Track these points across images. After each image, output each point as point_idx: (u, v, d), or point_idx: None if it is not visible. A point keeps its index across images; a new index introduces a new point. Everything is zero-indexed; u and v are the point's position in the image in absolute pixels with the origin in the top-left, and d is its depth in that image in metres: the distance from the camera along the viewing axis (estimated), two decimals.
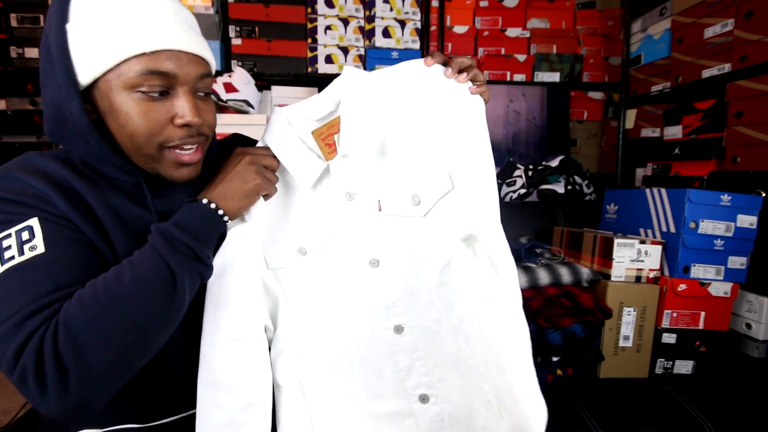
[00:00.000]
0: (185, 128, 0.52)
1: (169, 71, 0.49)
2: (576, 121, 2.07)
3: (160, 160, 0.53)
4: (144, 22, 0.48)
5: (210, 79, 0.56)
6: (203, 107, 0.54)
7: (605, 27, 2.01)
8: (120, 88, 0.48)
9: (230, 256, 0.55)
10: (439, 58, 0.61)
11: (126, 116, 0.49)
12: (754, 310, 1.03)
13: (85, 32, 0.47)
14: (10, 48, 1.78)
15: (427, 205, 0.58)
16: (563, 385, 0.94)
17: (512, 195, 1.60)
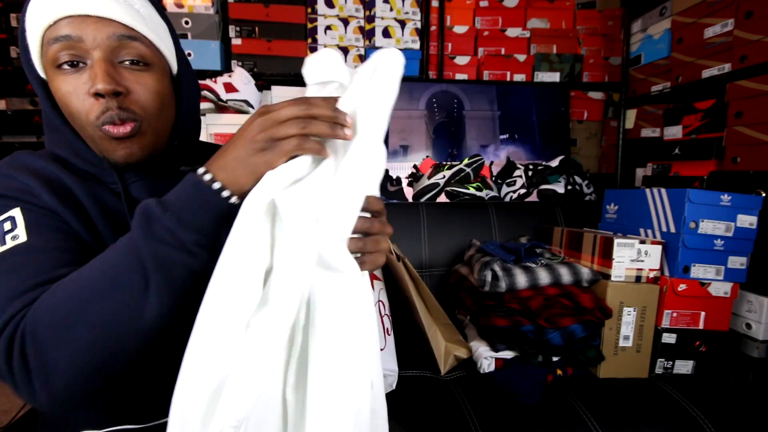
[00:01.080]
0: (101, 99, 0.48)
1: (71, 34, 0.47)
2: (576, 121, 2.08)
3: (98, 142, 0.51)
4: None
5: (141, 46, 0.50)
6: (129, 77, 0.50)
7: (605, 27, 2.01)
8: (48, 66, 0.49)
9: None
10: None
11: (60, 96, 0.49)
12: (754, 310, 1.03)
13: (30, 19, 0.49)
14: (10, 48, 1.78)
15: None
16: (563, 385, 0.94)
17: (512, 195, 1.60)
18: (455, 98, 1.97)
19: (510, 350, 0.98)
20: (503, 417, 0.84)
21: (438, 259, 1.33)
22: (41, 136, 1.89)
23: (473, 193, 1.51)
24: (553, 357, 0.97)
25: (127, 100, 0.50)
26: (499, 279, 1.00)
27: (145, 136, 0.52)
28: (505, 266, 1.02)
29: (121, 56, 0.49)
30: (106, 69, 0.48)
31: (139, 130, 0.51)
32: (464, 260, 1.26)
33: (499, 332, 0.99)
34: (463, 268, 1.22)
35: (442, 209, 1.39)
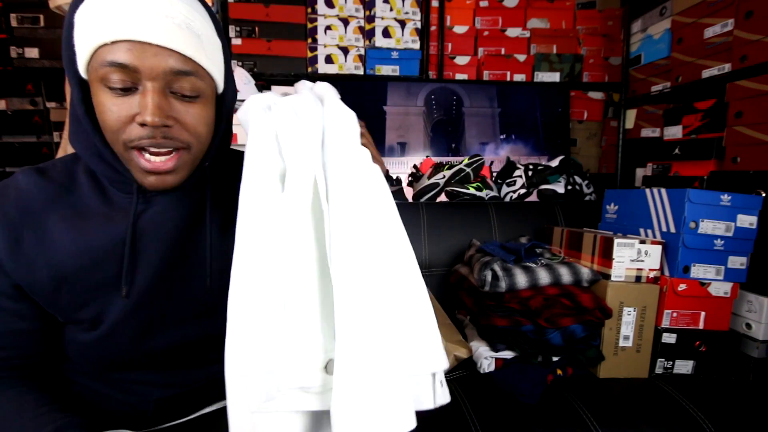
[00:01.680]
0: (146, 128, 0.47)
1: (127, 63, 0.45)
2: (576, 121, 2.08)
3: (129, 161, 0.50)
4: (114, 11, 0.45)
5: (196, 80, 0.49)
6: (180, 109, 0.49)
7: (605, 27, 2.01)
8: (95, 80, 0.47)
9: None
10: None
11: (99, 108, 0.48)
12: (754, 310, 1.03)
13: (81, 25, 0.47)
14: (10, 48, 1.78)
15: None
16: (563, 385, 0.94)
17: (512, 195, 1.60)
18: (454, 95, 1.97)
19: (510, 350, 0.98)
20: (503, 417, 0.83)
21: (438, 259, 1.33)
22: (41, 136, 1.89)
23: (473, 193, 1.51)
24: (553, 357, 0.97)
25: (172, 130, 0.49)
26: (499, 279, 1.00)
27: (185, 164, 0.52)
28: (505, 266, 1.02)
29: (174, 88, 0.49)
30: (159, 102, 0.47)
31: (180, 160, 0.51)
32: (464, 260, 1.26)
33: (499, 332, 0.99)
34: (463, 268, 1.22)
35: (442, 209, 1.39)
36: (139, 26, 0.45)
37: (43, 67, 1.80)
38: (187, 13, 0.48)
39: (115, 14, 0.45)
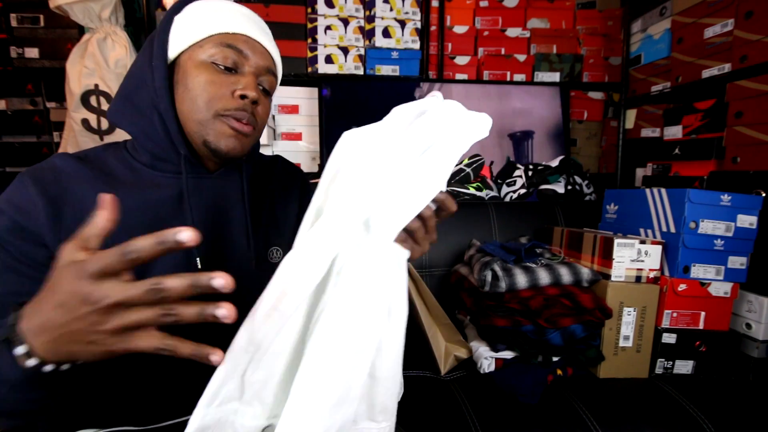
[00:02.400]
0: (241, 100, 0.58)
1: (243, 49, 0.59)
2: (576, 121, 2.08)
3: (212, 126, 0.58)
4: (231, 14, 0.60)
5: (273, 80, 0.64)
6: (261, 98, 0.61)
7: (605, 27, 2.01)
8: (198, 58, 0.58)
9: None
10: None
11: (195, 81, 0.57)
12: (754, 310, 1.03)
13: (187, 19, 0.59)
14: (10, 48, 1.78)
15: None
16: (563, 385, 0.94)
17: (512, 195, 1.60)
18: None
19: (510, 350, 0.98)
20: (503, 417, 0.84)
21: (438, 259, 1.33)
22: (41, 136, 1.89)
23: (473, 193, 1.51)
24: (553, 357, 0.97)
25: (255, 111, 0.60)
26: (499, 279, 1.00)
27: (251, 140, 0.62)
28: (505, 266, 1.02)
29: (260, 81, 0.62)
30: (255, 83, 0.59)
31: (252, 134, 0.61)
32: (464, 260, 1.26)
33: (499, 332, 0.99)
34: (463, 268, 1.22)
35: None
36: (252, 28, 0.60)
37: (43, 67, 1.79)
38: (266, 26, 0.65)
39: (235, 17, 0.60)
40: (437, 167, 0.43)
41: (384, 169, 0.42)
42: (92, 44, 1.64)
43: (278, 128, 1.92)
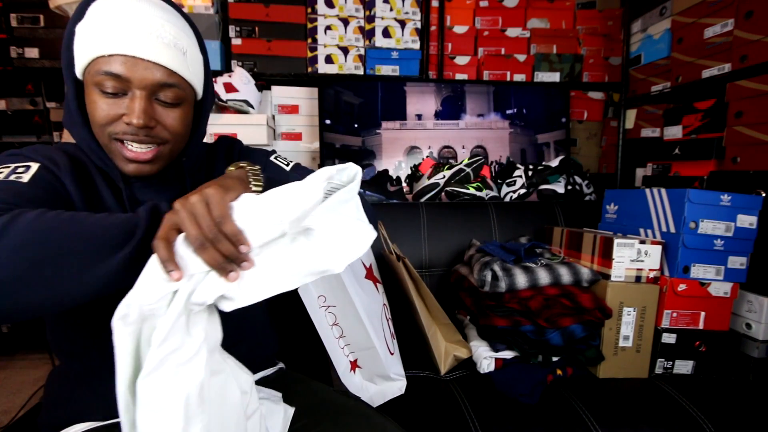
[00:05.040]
0: (130, 126, 0.56)
1: (121, 74, 0.54)
2: (576, 121, 2.08)
3: (112, 150, 0.58)
4: (110, 29, 0.53)
5: (177, 90, 0.58)
6: (161, 113, 0.58)
7: (605, 27, 2.01)
8: (90, 83, 0.56)
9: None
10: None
11: (90, 105, 0.56)
12: (754, 310, 1.03)
13: (83, 33, 0.55)
14: (10, 48, 1.78)
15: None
16: (563, 385, 0.94)
17: (512, 195, 1.60)
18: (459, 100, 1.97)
19: (510, 350, 0.98)
20: (503, 417, 0.84)
21: (438, 259, 1.33)
22: (41, 136, 1.89)
23: (473, 193, 1.51)
24: (553, 357, 0.97)
25: (154, 130, 0.58)
26: (498, 279, 1.00)
27: (161, 156, 0.60)
28: (504, 266, 1.02)
29: (159, 95, 0.57)
30: (145, 107, 0.56)
31: (158, 153, 0.59)
32: (464, 260, 1.26)
33: (499, 332, 0.99)
34: (463, 268, 1.22)
35: (442, 209, 1.39)
36: (133, 43, 0.53)
37: (43, 67, 1.80)
38: (174, 32, 0.57)
39: (113, 31, 0.53)
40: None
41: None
42: None
43: (278, 128, 1.92)
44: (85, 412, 0.61)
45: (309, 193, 0.46)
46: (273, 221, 0.46)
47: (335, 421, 0.65)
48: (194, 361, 0.44)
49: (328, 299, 0.86)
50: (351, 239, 0.48)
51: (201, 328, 0.45)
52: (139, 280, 0.44)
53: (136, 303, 0.43)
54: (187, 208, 0.44)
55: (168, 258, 0.43)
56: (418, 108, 1.93)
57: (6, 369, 1.77)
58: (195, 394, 0.43)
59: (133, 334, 0.43)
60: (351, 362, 0.89)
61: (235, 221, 0.45)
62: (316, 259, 0.47)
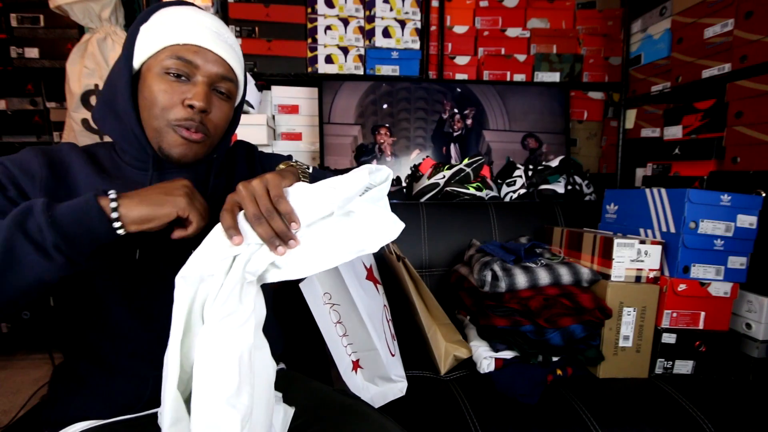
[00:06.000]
0: (189, 109, 0.61)
1: (192, 60, 0.61)
2: (576, 121, 2.08)
3: (165, 135, 0.62)
4: (186, 25, 0.62)
5: (232, 85, 0.66)
6: (216, 103, 0.65)
7: (605, 27, 2.01)
8: (156, 69, 0.61)
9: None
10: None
11: (150, 90, 0.61)
12: (754, 310, 1.03)
13: (150, 30, 0.63)
14: (10, 48, 1.78)
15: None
16: (563, 385, 0.94)
17: (512, 195, 1.60)
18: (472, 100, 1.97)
19: (510, 350, 0.98)
20: (503, 417, 0.84)
21: (438, 259, 1.33)
22: (41, 136, 1.89)
23: (473, 193, 1.51)
24: (553, 357, 0.97)
25: (206, 118, 0.63)
26: (498, 279, 1.00)
27: (204, 145, 0.65)
28: (504, 266, 1.02)
29: (216, 86, 0.64)
30: (206, 92, 0.62)
31: (203, 141, 0.64)
32: (464, 260, 1.26)
33: (499, 332, 0.99)
34: (463, 268, 1.22)
35: (442, 209, 1.39)
36: (204, 37, 0.62)
37: (43, 67, 1.80)
38: (232, 39, 0.68)
39: (187, 26, 0.62)
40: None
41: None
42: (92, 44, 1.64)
43: (278, 128, 1.92)
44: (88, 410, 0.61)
45: (356, 182, 0.54)
46: (323, 204, 0.52)
47: (335, 420, 0.65)
48: (245, 327, 0.49)
49: (333, 297, 0.86)
50: (385, 226, 0.56)
51: (251, 299, 0.50)
52: (201, 245, 0.50)
53: (196, 265, 0.49)
54: (249, 189, 0.51)
55: (231, 225, 0.50)
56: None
57: (6, 369, 1.77)
58: (246, 357, 0.48)
59: (190, 295, 0.49)
60: (353, 362, 0.89)
61: (289, 202, 0.51)
62: (355, 239, 0.54)
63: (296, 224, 0.51)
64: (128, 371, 0.63)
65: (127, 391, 0.62)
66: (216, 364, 0.46)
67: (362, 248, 0.54)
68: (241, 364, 0.47)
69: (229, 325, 0.48)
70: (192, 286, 0.49)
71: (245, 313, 0.49)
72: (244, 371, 0.47)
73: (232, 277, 0.49)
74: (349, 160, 1.89)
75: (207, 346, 0.47)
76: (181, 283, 0.48)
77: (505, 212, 1.39)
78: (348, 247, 0.53)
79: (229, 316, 0.48)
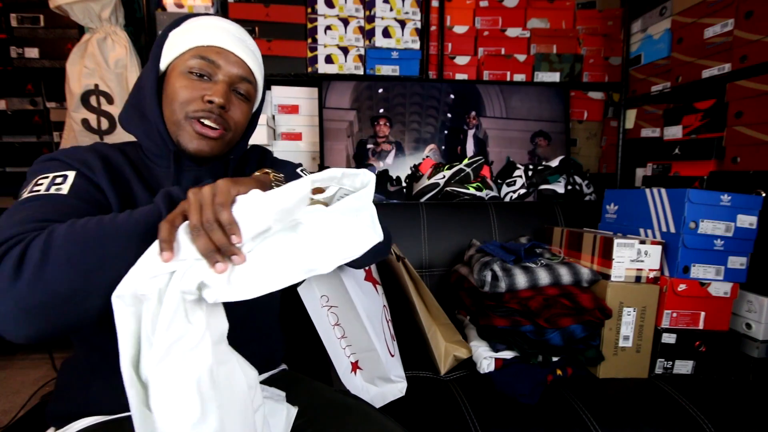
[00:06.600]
0: (209, 104, 0.64)
1: (214, 60, 0.65)
2: (576, 121, 2.08)
3: (184, 128, 0.65)
4: (210, 29, 0.67)
5: (251, 87, 0.69)
6: (235, 102, 0.68)
7: (605, 27, 2.01)
8: (180, 69, 0.65)
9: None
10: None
11: (173, 87, 0.64)
12: (754, 310, 1.03)
13: (177, 35, 0.67)
14: (10, 48, 1.78)
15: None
16: (563, 385, 0.94)
17: (512, 195, 1.60)
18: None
19: (510, 350, 0.98)
20: (503, 417, 0.84)
21: (438, 259, 1.33)
22: (41, 136, 1.89)
23: (473, 193, 1.51)
24: (553, 357, 0.97)
25: (226, 114, 0.66)
26: (498, 279, 1.00)
27: (222, 142, 0.67)
28: (504, 266, 1.02)
29: (236, 87, 0.68)
30: (225, 90, 0.65)
31: (222, 137, 0.67)
32: (464, 260, 1.26)
33: (499, 332, 0.99)
34: (463, 268, 1.22)
35: (442, 209, 1.39)
36: (227, 40, 0.67)
37: (43, 67, 1.80)
38: (254, 47, 0.72)
39: (212, 30, 0.67)
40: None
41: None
42: (92, 44, 1.64)
43: (278, 128, 1.92)
44: (96, 405, 0.61)
45: (295, 191, 0.48)
46: (259, 215, 0.46)
47: (336, 419, 0.65)
48: (200, 348, 0.44)
49: (330, 299, 0.86)
50: (348, 240, 0.49)
51: (201, 316, 0.45)
52: (138, 261, 0.45)
53: (130, 283, 0.44)
54: (197, 196, 0.47)
55: (165, 239, 0.45)
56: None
57: (6, 369, 1.77)
58: (206, 378, 0.44)
59: (134, 315, 0.44)
60: (352, 363, 0.89)
61: (234, 212, 0.46)
62: (304, 257, 0.47)
63: (237, 237, 0.45)
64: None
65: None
66: (173, 394, 0.43)
67: (312, 268, 0.47)
68: (200, 387, 0.43)
69: (179, 350, 0.43)
70: (131, 306, 0.44)
71: (196, 333, 0.44)
72: (206, 394, 0.44)
73: (169, 297, 0.43)
74: (345, 145, 1.89)
75: (160, 378, 0.43)
76: (118, 303, 0.43)
77: (505, 212, 1.40)
78: (295, 265, 0.47)
79: (179, 341, 0.43)
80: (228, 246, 0.45)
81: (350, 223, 0.50)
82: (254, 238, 0.47)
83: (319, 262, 0.48)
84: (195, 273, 0.45)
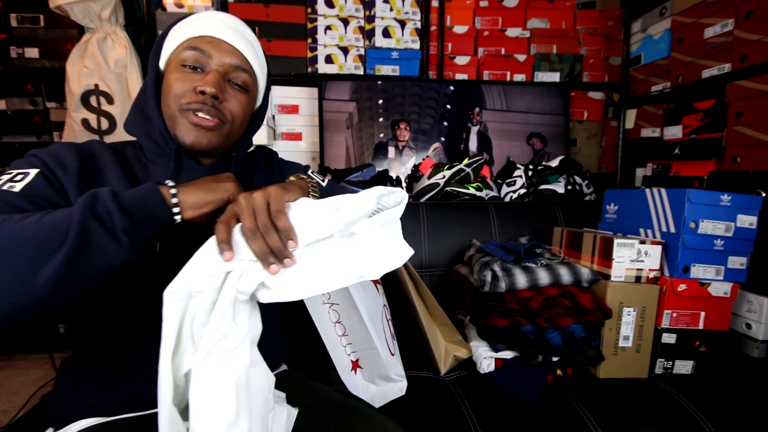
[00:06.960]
0: (201, 95, 0.62)
1: (205, 50, 0.63)
2: (576, 121, 2.08)
3: (178, 121, 0.63)
4: (203, 20, 0.66)
5: (248, 77, 0.67)
6: (231, 92, 0.65)
7: (605, 27, 2.01)
8: (174, 63, 0.64)
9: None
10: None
11: (168, 82, 0.64)
12: (754, 310, 1.03)
13: (174, 32, 0.67)
14: (10, 48, 1.78)
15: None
16: (563, 385, 0.94)
17: (512, 195, 1.60)
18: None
19: (510, 350, 0.98)
20: (503, 417, 0.84)
21: (438, 259, 1.33)
22: (41, 136, 1.89)
23: (473, 193, 1.51)
24: (553, 357, 0.97)
25: (221, 105, 0.64)
26: (498, 279, 1.00)
27: (220, 133, 0.65)
28: (504, 266, 1.02)
29: (231, 77, 0.65)
30: (218, 79, 0.63)
31: (218, 128, 0.65)
32: (464, 260, 1.26)
33: (499, 332, 0.99)
34: (463, 268, 1.22)
35: (442, 209, 1.39)
36: (219, 29, 0.65)
37: (43, 67, 1.80)
38: (252, 37, 0.70)
39: (204, 21, 0.65)
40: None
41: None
42: (92, 44, 1.64)
43: (278, 128, 1.92)
44: (94, 406, 0.61)
45: (362, 204, 0.51)
46: (324, 224, 0.49)
47: (336, 420, 0.66)
48: (241, 348, 0.46)
49: (332, 296, 0.86)
50: (390, 251, 0.53)
51: (245, 318, 0.48)
52: (192, 259, 0.47)
53: (186, 280, 0.46)
54: (249, 201, 0.49)
55: (224, 239, 0.47)
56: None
57: (6, 369, 1.77)
58: (243, 380, 0.46)
59: (180, 311, 0.46)
60: (353, 362, 0.89)
61: (289, 218, 0.49)
62: (356, 263, 0.50)
63: (294, 242, 0.48)
64: (137, 369, 0.62)
65: (134, 389, 0.62)
66: (213, 393, 0.44)
67: (363, 274, 0.50)
68: (238, 388, 0.45)
69: (223, 348, 0.45)
70: (181, 301, 0.46)
71: (240, 334, 0.47)
72: (241, 395, 0.45)
73: (224, 296, 0.46)
74: (344, 137, 1.89)
75: (203, 374, 0.44)
76: (169, 299, 0.45)
77: (505, 212, 1.40)
78: (348, 271, 0.50)
79: (223, 339, 0.46)
80: (283, 250, 0.47)
81: (393, 235, 0.54)
82: (308, 245, 0.50)
83: (370, 269, 0.51)
84: (254, 273, 0.47)
